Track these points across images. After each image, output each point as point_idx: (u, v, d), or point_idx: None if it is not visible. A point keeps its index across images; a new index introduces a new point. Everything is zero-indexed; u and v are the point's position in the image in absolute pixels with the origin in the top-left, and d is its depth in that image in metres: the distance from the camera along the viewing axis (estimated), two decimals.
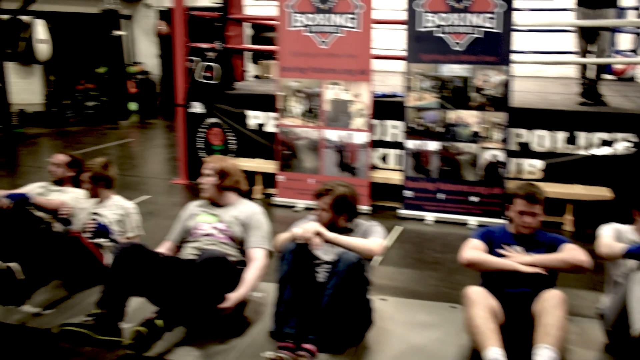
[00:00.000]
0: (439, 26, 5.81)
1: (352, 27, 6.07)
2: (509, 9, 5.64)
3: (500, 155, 5.87)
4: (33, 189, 4.87)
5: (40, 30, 9.84)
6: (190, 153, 7.48)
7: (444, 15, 5.77)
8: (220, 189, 3.95)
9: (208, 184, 3.95)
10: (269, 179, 6.83)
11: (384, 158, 6.58)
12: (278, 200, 6.62)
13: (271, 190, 6.82)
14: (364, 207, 6.11)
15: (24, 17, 11.44)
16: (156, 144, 10.81)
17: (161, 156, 9.69)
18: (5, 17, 11.72)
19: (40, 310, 3.92)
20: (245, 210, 3.91)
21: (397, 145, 6.46)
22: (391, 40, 7.60)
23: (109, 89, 12.43)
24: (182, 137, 7.48)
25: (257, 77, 11.93)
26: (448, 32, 5.80)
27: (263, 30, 11.53)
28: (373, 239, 3.54)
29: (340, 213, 3.65)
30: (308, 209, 6.39)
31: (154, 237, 5.19)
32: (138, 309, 3.62)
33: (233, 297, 3.53)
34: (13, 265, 3.64)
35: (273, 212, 6.19)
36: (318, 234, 3.36)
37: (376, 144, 6.51)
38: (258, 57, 12.42)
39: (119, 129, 12.19)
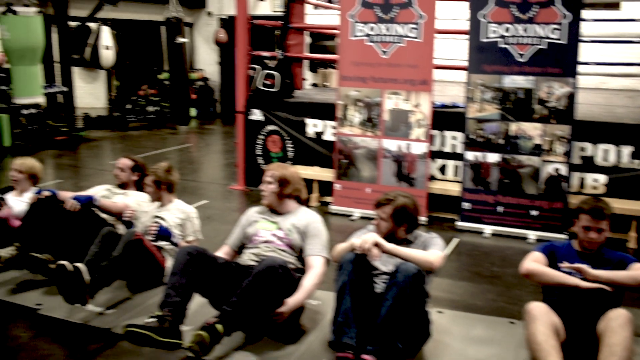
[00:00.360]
0: (502, 37, 5.73)
1: (414, 37, 6.05)
2: (576, 20, 5.53)
3: (563, 169, 5.75)
4: (98, 192, 5.02)
5: (106, 37, 10.14)
6: (249, 159, 7.57)
7: (508, 26, 5.69)
8: (280, 197, 3.98)
9: (268, 191, 3.99)
10: (325, 187, 6.85)
11: (442, 169, 6.52)
12: (334, 208, 6.63)
13: (328, 199, 6.84)
14: (422, 218, 6.06)
15: (91, 24, 11.83)
16: (214, 149, 10.98)
17: (219, 162, 9.84)
18: (74, 24, 12.15)
19: (103, 309, 4.04)
20: (304, 218, 3.93)
21: (456, 156, 6.40)
22: (451, 49, 7.54)
23: (170, 95, 12.67)
24: (241, 143, 7.58)
25: (314, 85, 12.00)
26: (512, 43, 5.72)
27: (320, 38, 11.61)
28: (432, 251, 3.51)
29: (400, 224, 3.63)
30: (364, 218, 6.39)
31: (212, 241, 5.29)
32: (196, 311, 3.68)
33: (290, 302, 3.56)
34: (80, 266, 3.75)
35: (329, 220, 6.21)
36: (377, 245, 3.35)
37: (435, 154, 6.46)
38: (316, 65, 12.50)
39: (178, 134, 12.43)
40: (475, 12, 5.82)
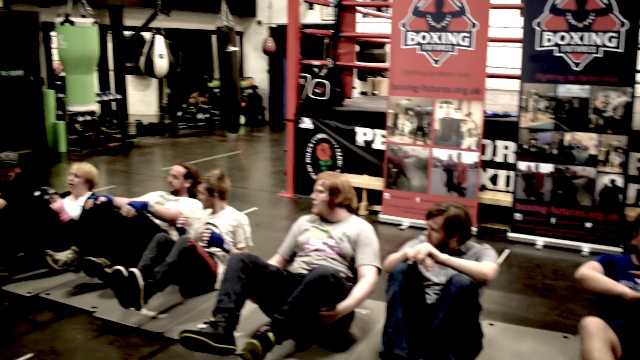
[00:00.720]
0: (557, 45, 5.63)
1: (466, 46, 6.00)
2: (634, 28, 5.39)
3: (619, 180, 5.60)
4: (152, 198, 5.12)
5: (160, 46, 10.35)
6: (298, 167, 7.62)
7: (563, 34, 5.59)
8: (331, 206, 3.99)
9: (319, 200, 4.00)
10: (374, 196, 6.84)
11: (493, 179, 6.44)
12: (383, 217, 6.61)
13: (376, 207, 6.83)
14: (472, 229, 5.99)
15: (145, 34, 12.10)
16: (262, 156, 11.08)
17: (267, 169, 9.92)
18: (128, 33, 12.45)
19: (156, 314, 4.11)
20: (355, 227, 3.93)
21: (507, 166, 6.31)
22: (502, 57, 7.46)
23: (220, 103, 12.87)
24: (291, 151, 7.63)
25: (363, 93, 12.00)
26: (567, 52, 5.61)
27: (369, 46, 11.60)
28: (486, 262, 3.46)
29: (452, 235, 3.60)
30: (413, 227, 6.35)
31: (262, 248, 5.33)
32: (247, 317, 3.71)
33: (340, 307, 3.58)
34: (135, 271, 3.82)
35: (378, 229, 6.15)
36: (430, 255, 3.32)
37: (486, 164, 6.38)
38: (365, 73, 12.50)
39: (227, 141, 12.58)
40: (529, 21, 5.73)
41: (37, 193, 4.93)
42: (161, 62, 10.37)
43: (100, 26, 10.00)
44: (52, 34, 10.83)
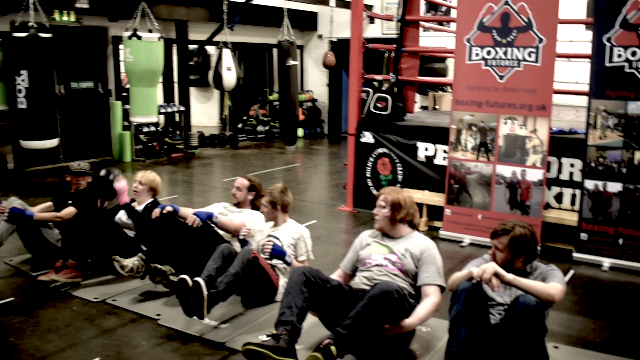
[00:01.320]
0: (628, 61, 5.47)
1: (533, 62, 5.89)
2: None
3: None
4: (216, 209, 5.20)
5: (228, 59, 10.54)
6: (357, 181, 7.62)
7: (635, 49, 5.43)
8: (393, 221, 3.98)
9: (381, 215, 3.99)
10: (434, 212, 6.78)
11: (558, 197, 6.29)
12: (443, 233, 6.54)
13: (437, 223, 6.76)
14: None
15: (209, 47, 12.35)
16: (321, 169, 11.12)
17: (326, 182, 9.95)
18: (193, 46, 12.74)
19: (218, 323, 4.17)
20: (418, 244, 3.90)
21: (573, 184, 6.16)
22: (566, 72, 7.30)
23: (279, 116, 13.01)
24: (351, 165, 7.63)
25: (423, 107, 11.94)
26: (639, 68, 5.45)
27: (429, 60, 11.52)
28: (552, 283, 3.38)
29: (518, 255, 3.53)
30: (474, 244, 6.27)
31: (322, 261, 5.36)
32: (307, 330, 3.71)
33: (403, 323, 3.57)
34: (200, 281, 3.89)
35: (438, 246, 5.99)
36: (496, 274, 3.27)
37: (550, 182, 6.24)
38: (426, 87, 12.43)
39: (286, 154, 12.69)
40: (599, 36, 5.59)
41: (102, 173, 5.06)
42: (229, 75, 10.55)
43: (166, 40, 10.26)
44: (120, 47, 11.19)
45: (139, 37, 8.60)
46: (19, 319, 4.28)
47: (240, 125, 14.67)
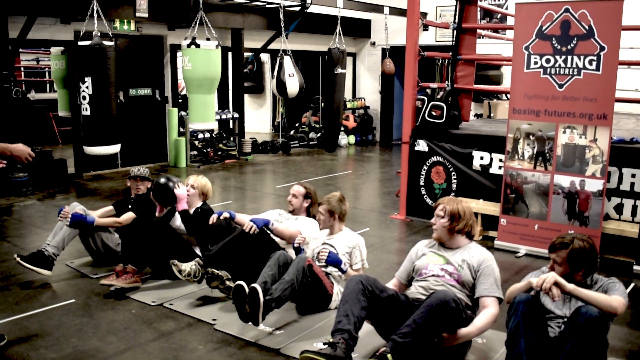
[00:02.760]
0: None
1: (593, 70, 5.77)
2: None
3: None
4: (272, 216, 5.25)
5: (289, 66, 10.63)
6: (411, 189, 7.57)
7: None
8: (451, 232, 3.94)
9: (439, 225, 3.96)
10: (489, 221, 6.69)
11: (618, 208, 6.12)
12: (498, 243, 6.44)
13: (491, 233, 6.67)
14: None
15: (263, 55, 12.49)
16: (373, 177, 11.10)
17: (378, 190, 9.92)
18: (247, 54, 12.90)
19: (272, 329, 4.21)
20: (476, 255, 3.86)
21: (634, 195, 6.00)
22: (625, 80, 7.10)
23: (330, 123, 13.07)
24: (405, 173, 7.60)
25: (477, 115, 11.79)
26: None
27: (483, 68, 11.38)
28: (614, 296, 3.30)
29: (578, 269, 3.46)
30: (530, 255, 6.16)
31: (375, 270, 5.35)
32: (362, 338, 3.70)
33: (460, 332, 3.53)
34: (257, 287, 3.92)
35: (493, 256, 6.03)
36: (557, 284, 3.21)
37: (610, 192, 6.09)
38: (480, 95, 12.28)
39: (338, 161, 12.72)
40: None
41: (162, 180, 5.16)
42: (292, 82, 10.62)
43: (222, 47, 10.43)
44: (178, 54, 11.43)
45: (198, 45, 8.76)
46: (80, 321, 4.41)
47: (292, 132, 14.78)
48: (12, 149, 3.98)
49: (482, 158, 6.95)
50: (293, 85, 10.64)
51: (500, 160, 6.70)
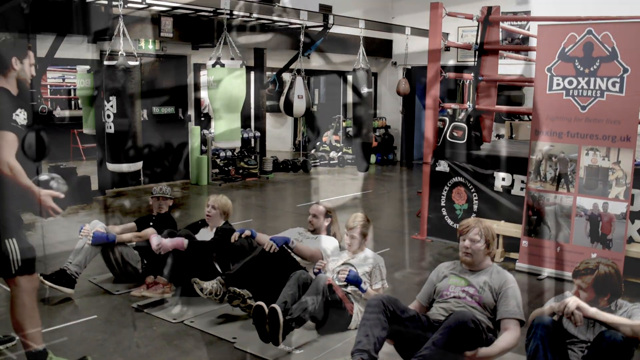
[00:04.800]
0: None
1: (617, 92, 5.74)
2: None
3: None
4: (292, 234, 5.27)
5: (299, 87, 10.71)
6: (432, 210, 7.55)
7: None
8: (484, 256, 3.91)
9: (475, 249, 3.88)
10: (511, 243, 6.64)
11: None
12: (520, 265, 6.39)
13: (513, 255, 6.62)
14: None
15: (285, 75, 12.59)
16: (393, 197, 11.09)
17: (399, 209, 9.91)
18: (269, 73, 13.02)
19: (292, 349, 4.21)
20: (498, 278, 3.84)
21: None
22: None
23: (354, 142, 13.11)
24: (425, 194, 7.59)
25: (499, 136, 11.76)
26: None
27: (504, 88, 11.37)
28: (639, 321, 3.26)
29: (603, 294, 3.43)
30: (551, 277, 6.10)
31: (396, 290, 5.35)
32: (382, 359, 3.70)
33: (481, 351, 3.52)
34: (277, 307, 3.94)
35: (514, 278, 5.99)
36: (579, 308, 3.18)
37: (634, 215, 6.02)
38: (501, 116, 12.25)
39: (359, 180, 12.73)
40: None
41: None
42: (299, 103, 10.70)
43: (245, 67, 10.54)
44: (202, 73, 11.54)
45: (222, 65, 8.84)
46: (101, 336, 4.45)
47: (313, 151, 14.84)
48: (41, 197, 3.65)
49: (503, 179, 6.92)
50: (300, 106, 10.72)
51: (522, 182, 6.67)
